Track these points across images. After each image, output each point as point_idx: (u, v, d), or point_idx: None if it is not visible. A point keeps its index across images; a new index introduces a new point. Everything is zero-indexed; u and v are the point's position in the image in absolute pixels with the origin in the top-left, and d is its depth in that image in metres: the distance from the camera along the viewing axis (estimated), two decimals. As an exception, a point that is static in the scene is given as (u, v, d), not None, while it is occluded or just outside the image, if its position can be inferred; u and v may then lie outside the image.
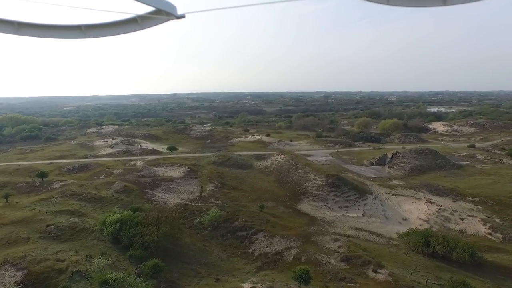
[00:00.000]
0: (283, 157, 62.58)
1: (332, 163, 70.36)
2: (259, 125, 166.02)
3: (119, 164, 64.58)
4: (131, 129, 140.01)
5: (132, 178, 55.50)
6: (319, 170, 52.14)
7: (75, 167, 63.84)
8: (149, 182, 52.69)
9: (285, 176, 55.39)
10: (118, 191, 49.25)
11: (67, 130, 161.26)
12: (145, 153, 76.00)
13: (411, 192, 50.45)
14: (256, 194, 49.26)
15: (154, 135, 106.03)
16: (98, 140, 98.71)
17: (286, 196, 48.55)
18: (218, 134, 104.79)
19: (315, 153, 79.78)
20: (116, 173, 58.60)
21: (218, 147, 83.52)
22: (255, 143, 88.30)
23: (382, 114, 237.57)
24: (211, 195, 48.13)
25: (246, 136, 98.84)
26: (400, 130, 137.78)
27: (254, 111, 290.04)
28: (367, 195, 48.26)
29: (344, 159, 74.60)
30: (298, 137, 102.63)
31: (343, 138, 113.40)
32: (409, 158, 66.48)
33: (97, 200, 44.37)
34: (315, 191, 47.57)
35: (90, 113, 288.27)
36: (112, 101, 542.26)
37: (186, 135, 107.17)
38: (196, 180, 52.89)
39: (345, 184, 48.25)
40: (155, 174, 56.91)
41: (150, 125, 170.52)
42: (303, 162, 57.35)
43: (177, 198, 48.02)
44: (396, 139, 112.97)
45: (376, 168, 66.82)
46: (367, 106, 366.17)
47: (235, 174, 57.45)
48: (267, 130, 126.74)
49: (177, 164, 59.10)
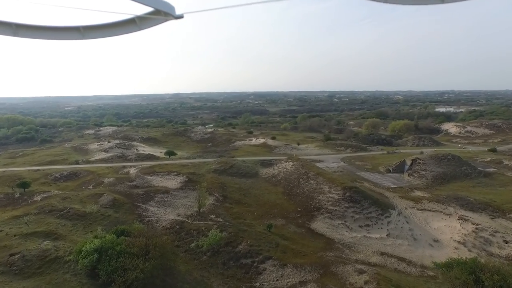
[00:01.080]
0: (291, 165, 56.48)
1: (344, 170, 64.18)
2: (263, 126, 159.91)
3: (111, 172, 58.79)
4: (129, 131, 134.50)
5: (123, 189, 49.65)
6: (334, 181, 45.96)
7: (62, 175, 58.12)
8: (142, 194, 46.80)
9: (294, 187, 49.28)
10: (106, 205, 43.42)
11: (64, 131, 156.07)
12: (141, 158, 70.16)
13: (439, 206, 44.18)
14: (263, 209, 43.22)
15: (153, 138, 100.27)
16: (93, 144, 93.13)
17: (297, 211, 42.46)
18: (220, 137, 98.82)
19: (325, 158, 73.60)
20: (107, 183, 52.79)
21: (220, 152, 77.55)
22: (259, 147, 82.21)
23: (389, 114, 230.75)
24: (211, 211, 42.15)
25: (250, 139, 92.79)
26: (411, 132, 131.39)
27: (258, 111, 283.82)
28: (390, 211, 42.07)
29: (357, 165, 68.36)
30: (305, 140, 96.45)
31: (353, 140, 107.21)
32: (430, 165, 60.14)
33: (80, 217, 38.53)
34: (330, 207, 41.41)
35: (91, 113, 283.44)
36: (114, 101, 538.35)
37: (186, 138, 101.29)
38: (195, 192, 46.88)
39: (365, 198, 42.05)
40: (149, 184, 51.03)
41: (150, 126, 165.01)
42: (314, 170, 51.20)
43: (173, 214, 42.09)
44: (409, 141, 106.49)
45: (394, 176, 60.55)
46: (373, 106, 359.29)
47: (238, 184, 51.42)
48: (272, 132, 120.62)
49: (174, 173, 53.18)
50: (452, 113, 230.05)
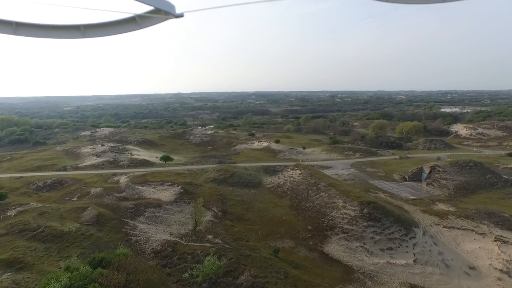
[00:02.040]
0: (299, 173, 50.97)
1: (356, 178, 58.69)
2: (265, 127, 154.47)
3: (99, 180, 53.41)
4: (126, 132, 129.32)
5: (110, 201, 44.25)
6: (349, 194, 40.42)
7: (46, 184, 52.77)
8: (131, 208, 41.39)
9: (303, 200, 43.78)
10: (89, 221, 38.06)
11: (60, 132, 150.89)
12: (134, 164, 64.78)
13: (469, 223, 38.65)
14: (268, 227, 37.75)
15: (149, 141, 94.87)
16: (86, 147, 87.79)
17: (307, 230, 36.98)
18: (220, 140, 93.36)
19: (333, 164, 68.11)
20: (93, 194, 47.43)
21: (220, 157, 72.11)
22: (262, 152, 76.72)
23: (394, 115, 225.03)
24: (209, 229, 36.71)
25: (252, 142, 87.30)
26: (420, 134, 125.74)
27: (259, 111, 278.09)
28: (414, 229, 36.55)
29: (369, 172, 62.85)
30: (311, 143, 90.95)
31: (360, 143, 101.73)
32: (451, 173, 54.58)
33: (56, 238, 33.16)
34: (346, 225, 35.90)
35: (89, 114, 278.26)
36: (114, 101, 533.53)
37: (184, 141, 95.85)
38: (191, 205, 41.43)
39: (385, 216, 36.53)
40: (140, 195, 45.61)
41: (149, 128, 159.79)
42: (325, 181, 45.67)
43: (164, 233, 36.68)
44: (419, 144, 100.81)
45: (411, 186, 55.03)
46: (376, 106, 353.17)
47: (240, 196, 45.94)
48: (275, 134, 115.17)
49: (168, 183, 47.73)
50: (458, 114, 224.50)
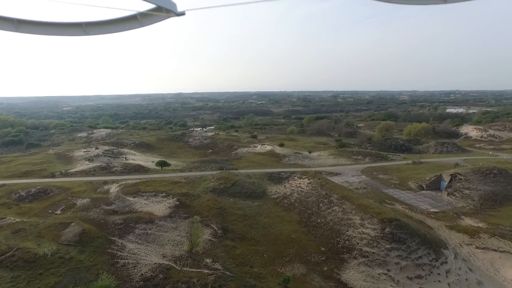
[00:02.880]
0: (307, 182, 46.04)
1: (368, 186, 53.78)
2: (267, 128, 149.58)
3: (88, 190, 48.63)
4: (124, 134, 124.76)
5: (97, 215, 39.50)
6: (367, 209, 35.50)
7: (29, 193, 48.04)
8: (120, 224, 36.61)
9: (314, 215, 38.88)
10: (71, 240, 33.32)
11: (56, 134, 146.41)
12: (127, 171, 59.99)
13: (506, 244, 33.74)
14: (275, 248, 32.89)
15: (146, 144, 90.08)
16: (79, 150, 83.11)
17: (320, 252, 32.10)
18: (221, 143, 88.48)
19: (342, 170, 63.21)
20: (79, 205, 42.68)
21: (220, 162, 67.27)
22: (266, 156, 71.82)
23: (398, 115, 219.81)
24: (207, 251, 31.89)
25: (254, 146, 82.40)
26: (429, 136, 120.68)
27: (261, 112, 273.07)
28: (443, 252, 31.65)
29: (382, 180, 57.92)
30: (316, 147, 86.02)
31: (368, 146, 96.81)
32: (474, 182, 49.59)
33: (27, 264, 28.42)
34: (366, 248, 31.01)
35: (88, 114, 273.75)
36: (114, 101, 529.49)
37: (183, 144, 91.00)
38: (187, 221, 36.62)
39: (410, 236, 31.61)
40: (130, 208, 40.80)
41: (147, 129, 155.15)
42: (338, 192, 40.73)
43: (156, 254, 31.87)
44: (430, 148, 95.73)
45: (430, 196, 50.08)
46: (380, 106, 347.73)
47: (242, 209, 41.07)
48: (278, 136, 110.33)
49: (162, 194, 42.89)
50: (465, 115, 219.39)
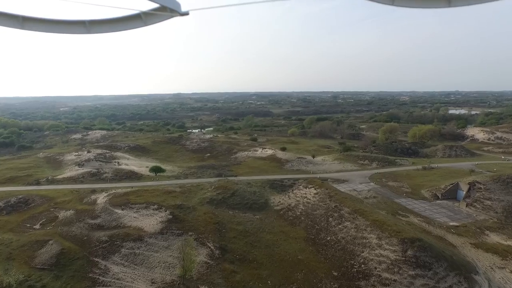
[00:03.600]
0: (314, 193, 41.90)
1: (378, 195, 49.69)
2: (267, 130, 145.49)
3: (73, 200, 44.43)
4: (119, 136, 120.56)
5: (81, 230, 35.33)
6: (384, 226, 31.34)
7: (8, 204, 43.84)
8: (105, 242, 32.44)
9: (322, 231, 34.74)
10: (46, 263, 29.18)
11: (49, 135, 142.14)
12: (118, 177, 55.77)
13: (541, 266, 29.60)
14: (280, 272, 28.74)
15: (141, 147, 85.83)
16: (71, 154, 78.86)
17: (332, 277, 27.97)
18: (219, 146, 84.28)
19: (349, 177, 59.14)
20: (62, 218, 38.50)
21: (219, 167, 63.12)
22: (267, 161, 67.64)
23: (400, 117, 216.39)
24: (203, 276, 27.76)
25: (255, 149, 78.19)
26: (435, 138, 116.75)
27: (261, 113, 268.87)
28: (475, 278, 27.57)
29: (392, 188, 53.85)
30: (320, 150, 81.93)
31: (373, 150, 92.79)
32: (496, 192, 45.55)
33: (-8, 295, 24.24)
34: (385, 274, 26.87)
35: (85, 115, 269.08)
36: (113, 102, 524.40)
37: (180, 147, 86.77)
38: (180, 238, 32.48)
39: (437, 260, 27.49)
40: (118, 223, 36.61)
41: (144, 130, 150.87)
42: (349, 205, 36.57)
43: (144, 280, 27.73)
44: (438, 151, 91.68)
45: (447, 206, 46.00)
46: (380, 107, 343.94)
47: (242, 223, 36.91)
48: (279, 138, 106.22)
49: (154, 206, 38.71)
50: (468, 116, 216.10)
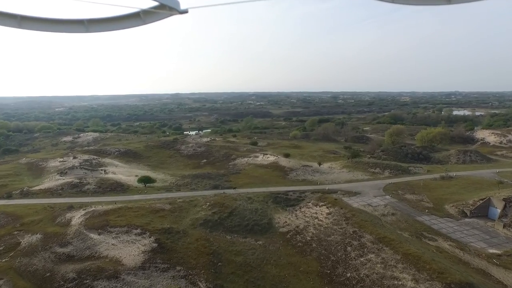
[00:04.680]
0: (327, 213, 35.58)
1: (397, 211, 43.43)
2: (268, 132, 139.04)
3: (44, 219, 38.03)
4: (111, 139, 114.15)
5: (44, 263, 28.92)
6: (419, 262, 25.05)
7: (-32, 225, 37.36)
8: (71, 280, 26.06)
9: (340, 264, 28.39)
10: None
11: (39, 137, 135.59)
12: (102, 189, 49.30)
13: None
14: (291, 327, 22.37)
15: (133, 152, 79.35)
16: (55, 159, 72.43)
17: (358, 335, 21.58)
18: (217, 151, 77.83)
19: (361, 188, 52.89)
20: (24, 246, 32.10)
21: (215, 177, 56.73)
22: (269, 169, 61.26)
23: (404, 118, 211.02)
24: (191, 335, 21.37)
25: (255, 155, 71.76)
26: (446, 142, 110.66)
27: (260, 113, 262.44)
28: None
29: (411, 202, 47.60)
30: (325, 157, 75.60)
31: (382, 155, 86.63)
32: (535, 210, 39.26)
33: None
34: (430, 334, 20.53)
35: (80, 115, 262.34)
36: (109, 102, 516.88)
37: (174, 152, 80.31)
38: (167, 275, 26.11)
39: (495, 313, 21.19)
40: (92, 252, 30.21)
41: (139, 132, 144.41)
42: (371, 231, 30.24)
43: None
44: (452, 156, 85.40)
45: (479, 226, 39.78)
46: (382, 108, 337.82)
47: (242, 253, 30.56)
48: (281, 142, 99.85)
49: (137, 230, 32.31)
50: (473, 117, 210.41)
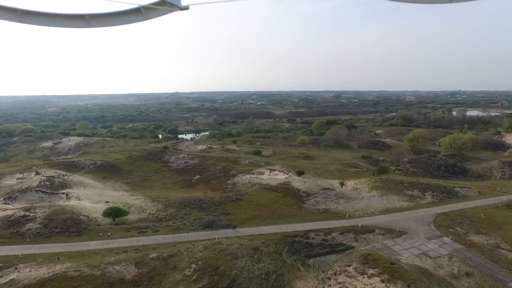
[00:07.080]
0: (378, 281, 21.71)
1: (470, 267, 29.75)
2: (271, 137, 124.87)
3: None
4: (94, 145, 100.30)
5: None
6: None
7: None
8: None
9: None
10: None
11: (16, 142, 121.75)
12: (48, 231, 35.16)
13: None
14: None
15: (111, 165, 65.36)
16: (13, 176, 58.80)
17: None
18: (213, 165, 63.87)
19: (404, 223, 39.11)
20: None
21: (209, 208, 42.72)
22: (279, 193, 47.36)
23: (415, 119, 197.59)
24: None
25: (260, 172, 57.83)
26: (478, 150, 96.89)
27: (262, 114, 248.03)
28: None
29: (483, 249, 33.85)
30: (345, 172, 61.66)
31: (410, 167, 72.78)
32: None
33: None
34: None
35: (72, 116, 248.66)
36: (106, 101, 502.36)
37: (162, 165, 66.30)
38: None
39: None
40: None
41: (128, 136, 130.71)
42: None
43: None
44: (494, 170, 71.67)
45: None
46: (388, 108, 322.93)
47: None
48: (288, 150, 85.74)
49: None
50: (490, 118, 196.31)
